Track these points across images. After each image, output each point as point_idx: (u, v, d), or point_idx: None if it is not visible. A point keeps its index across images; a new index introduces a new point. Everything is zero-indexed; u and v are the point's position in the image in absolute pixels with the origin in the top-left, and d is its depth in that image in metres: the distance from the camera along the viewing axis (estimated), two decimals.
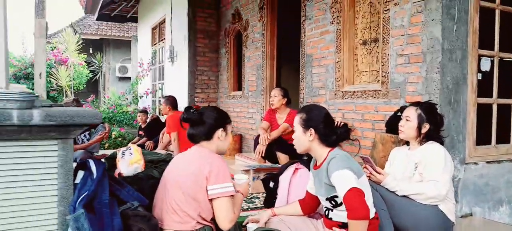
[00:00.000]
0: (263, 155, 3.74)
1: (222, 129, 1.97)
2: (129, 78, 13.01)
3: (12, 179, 1.48)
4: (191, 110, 1.98)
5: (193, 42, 6.42)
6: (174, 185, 1.83)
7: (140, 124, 6.34)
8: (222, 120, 2.00)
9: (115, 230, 1.57)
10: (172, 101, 5.55)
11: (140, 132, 6.26)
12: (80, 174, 1.66)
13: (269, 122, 4.08)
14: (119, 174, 2.02)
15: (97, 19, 10.11)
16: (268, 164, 3.86)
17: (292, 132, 3.87)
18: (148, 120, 6.34)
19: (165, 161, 2.12)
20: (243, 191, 2.04)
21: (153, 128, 6.04)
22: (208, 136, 1.95)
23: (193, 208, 1.80)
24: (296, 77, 5.92)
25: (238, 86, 6.13)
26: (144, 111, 6.43)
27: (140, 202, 1.81)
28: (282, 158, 3.76)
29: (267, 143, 3.71)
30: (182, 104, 6.12)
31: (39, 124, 1.45)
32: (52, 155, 1.54)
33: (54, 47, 11.69)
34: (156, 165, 2.11)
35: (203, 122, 1.94)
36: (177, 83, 6.86)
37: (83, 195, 1.57)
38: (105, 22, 13.26)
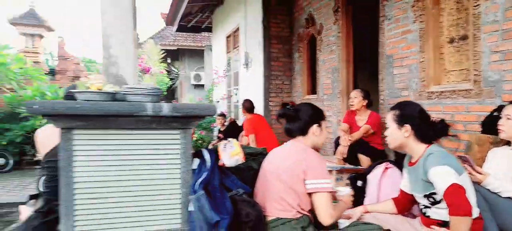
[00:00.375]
0: (345, 157, 3.76)
1: (317, 124, 2.07)
2: (202, 85, 13.74)
3: (145, 162, 1.74)
4: (287, 106, 2.12)
5: (267, 48, 6.63)
6: (274, 176, 1.97)
7: (219, 126, 6.71)
8: (317, 116, 2.10)
9: (228, 211, 1.75)
10: (247, 106, 5.83)
11: (219, 135, 6.62)
12: (196, 161, 1.87)
13: (348, 124, 4.09)
14: (222, 165, 2.21)
15: (176, 31, 10.87)
16: (348, 165, 3.86)
17: (373, 134, 3.87)
18: (226, 123, 6.68)
19: (262, 154, 2.28)
20: (346, 202, 2.11)
21: (231, 130, 6.35)
22: (304, 131, 2.06)
23: (292, 198, 1.91)
24: (372, 79, 5.82)
25: (312, 89, 6.20)
26: (222, 115, 6.79)
27: (244, 190, 1.98)
28: (364, 160, 3.75)
29: (348, 144, 3.72)
30: (258, 108, 6.35)
31: (167, 115, 1.68)
32: (176, 143, 1.77)
33: (137, 57, 12.80)
34: (254, 158, 2.27)
35: (299, 118, 2.06)
36: (252, 88, 7.12)
37: (200, 179, 1.77)
38: (181, 33, 14.19)
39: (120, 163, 1.70)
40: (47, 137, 2.31)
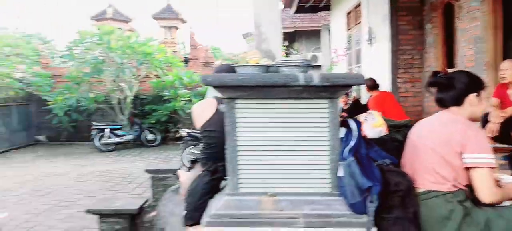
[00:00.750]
0: (495, 135, 3.36)
1: (475, 94, 1.90)
2: (319, 66, 13.70)
3: (296, 129, 1.87)
4: (439, 75, 1.99)
5: (394, 21, 6.24)
6: (426, 147, 1.89)
7: (342, 105, 6.65)
8: (475, 84, 1.92)
9: (378, 179, 1.77)
10: (370, 84, 5.64)
11: (343, 113, 6.56)
12: (342, 130, 1.93)
13: (499, 99, 3.61)
14: (364, 136, 2.22)
15: (294, 12, 11.02)
16: (499, 144, 3.43)
17: None
18: (349, 102, 6.59)
19: (407, 125, 2.21)
20: None
21: (354, 109, 6.23)
22: (459, 101, 1.91)
23: (447, 171, 1.82)
24: None
25: (448, 63, 5.62)
26: (345, 93, 6.70)
27: (391, 161, 1.95)
28: None
29: (500, 121, 3.31)
30: (384, 85, 6.07)
31: (317, 85, 1.77)
32: (324, 112, 1.85)
33: None
34: (399, 129, 2.22)
35: (452, 86, 1.92)
36: (376, 64, 6.82)
37: (349, 147, 1.83)
38: (297, 15, 14.33)
39: (275, 129, 1.87)
40: (202, 111, 2.66)
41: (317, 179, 1.88)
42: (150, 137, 10.57)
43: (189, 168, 3.07)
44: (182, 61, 12.33)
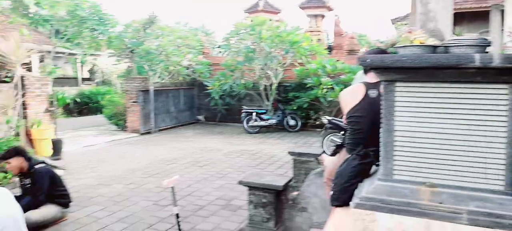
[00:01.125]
0: None
1: None
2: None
3: (466, 117, 1.67)
4: None
5: None
6: None
7: None
8: None
9: None
10: None
11: None
12: None
13: None
14: None
15: None
16: None
17: None
18: None
19: None
20: None
21: None
22: None
23: None
24: None
25: None
26: None
27: None
28: None
29: None
30: None
31: (497, 66, 1.54)
32: (503, 99, 1.60)
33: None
34: None
35: None
36: None
37: None
38: None
39: (439, 115, 1.71)
40: (350, 96, 2.63)
41: (488, 175, 1.65)
42: (292, 122, 11.01)
43: (333, 153, 3.09)
44: (326, 49, 12.35)
